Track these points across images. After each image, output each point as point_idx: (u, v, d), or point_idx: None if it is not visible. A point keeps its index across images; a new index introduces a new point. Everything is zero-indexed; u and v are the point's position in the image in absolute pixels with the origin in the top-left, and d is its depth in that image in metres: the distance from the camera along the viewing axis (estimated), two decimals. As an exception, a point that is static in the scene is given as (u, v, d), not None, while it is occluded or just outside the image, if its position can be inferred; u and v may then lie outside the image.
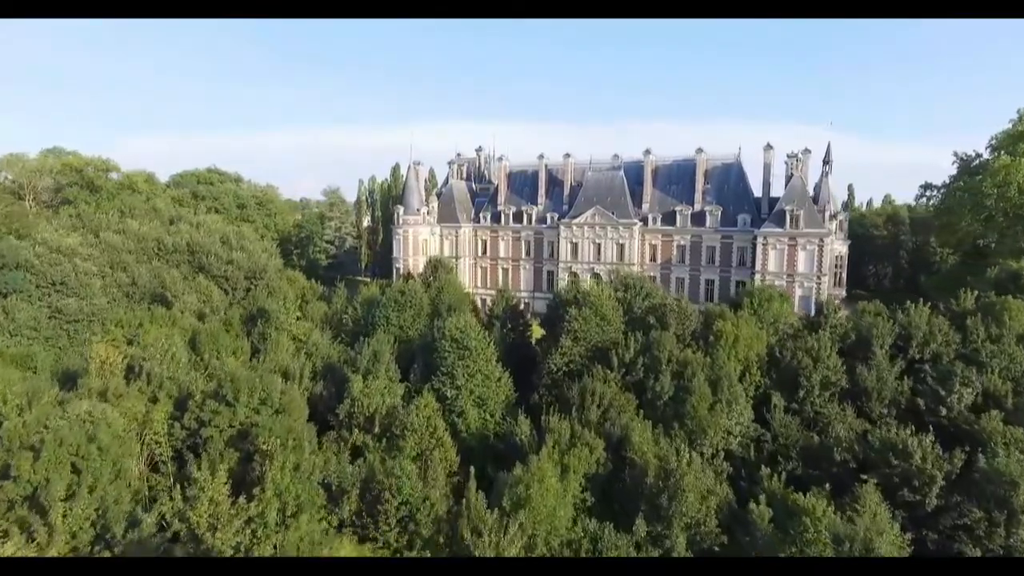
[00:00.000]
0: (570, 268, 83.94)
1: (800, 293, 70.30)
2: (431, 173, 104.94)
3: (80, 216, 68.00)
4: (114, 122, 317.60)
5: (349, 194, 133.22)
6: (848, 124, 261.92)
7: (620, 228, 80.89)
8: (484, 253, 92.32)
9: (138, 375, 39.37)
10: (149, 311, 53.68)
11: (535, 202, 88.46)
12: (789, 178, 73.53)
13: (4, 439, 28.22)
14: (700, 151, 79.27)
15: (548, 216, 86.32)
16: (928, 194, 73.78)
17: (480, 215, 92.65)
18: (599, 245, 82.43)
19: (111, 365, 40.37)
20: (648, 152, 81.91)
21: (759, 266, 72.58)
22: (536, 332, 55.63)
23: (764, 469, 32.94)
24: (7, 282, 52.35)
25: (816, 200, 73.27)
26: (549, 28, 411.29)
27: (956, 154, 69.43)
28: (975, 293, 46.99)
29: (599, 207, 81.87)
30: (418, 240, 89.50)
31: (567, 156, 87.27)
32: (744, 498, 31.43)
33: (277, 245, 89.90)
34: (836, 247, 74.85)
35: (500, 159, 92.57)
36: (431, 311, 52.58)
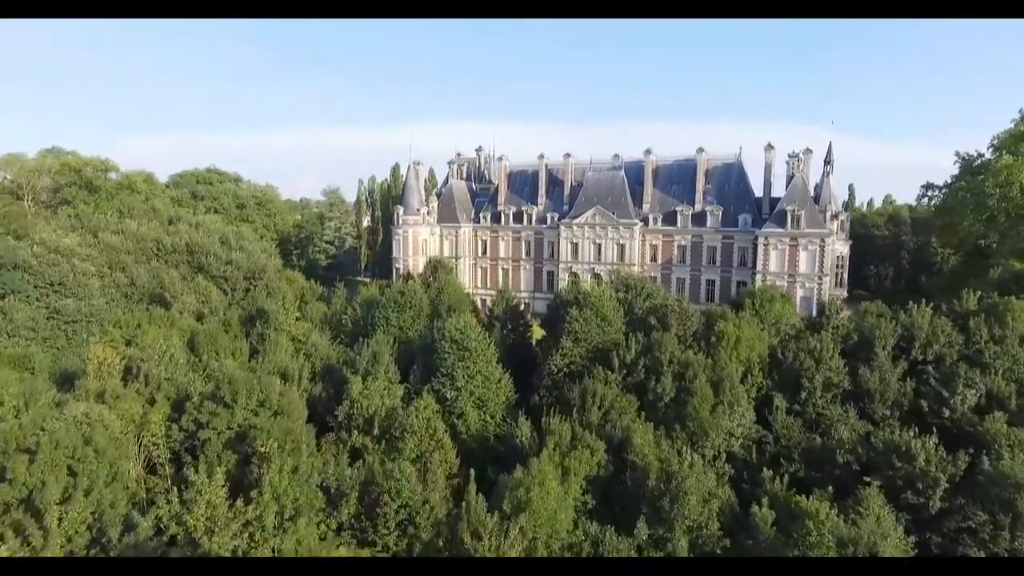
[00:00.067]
0: (570, 268, 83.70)
1: (801, 293, 70.10)
2: (431, 173, 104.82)
3: (79, 216, 67.72)
4: (114, 122, 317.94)
5: (349, 194, 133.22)
6: (849, 124, 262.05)
7: (621, 228, 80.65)
8: (484, 253, 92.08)
9: (136, 376, 39.10)
10: (147, 312, 53.48)
11: (535, 202, 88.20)
12: (790, 178, 73.29)
13: (0, 441, 27.99)
14: (701, 151, 79.03)
15: (548, 216, 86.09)
16: (930, 194, 73.40)
17: (480, 215, 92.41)
18: (599, 245, 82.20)
19: (109, 366, 40.10)
20: (649, 152, 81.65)
21: (760, 266, 72.36)
22: (536, 333, 55.37)
23: (766, 471, 32.56)
24: (5, 283, 52.09)
25: (817, 200, 73.02)
26: (549, 28, 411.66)
27: (958, 154, 69.13)
28: (978, 294, 46.70)
29: (599, 207, 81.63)
30: (418, 240, 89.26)
31: (567, 156, 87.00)
32: (746, 500, 31.14)
33: (277, 245, 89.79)
34: (838, 247, 74.62)
35: (500, 159, 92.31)
36: (431, 312, 52.34)
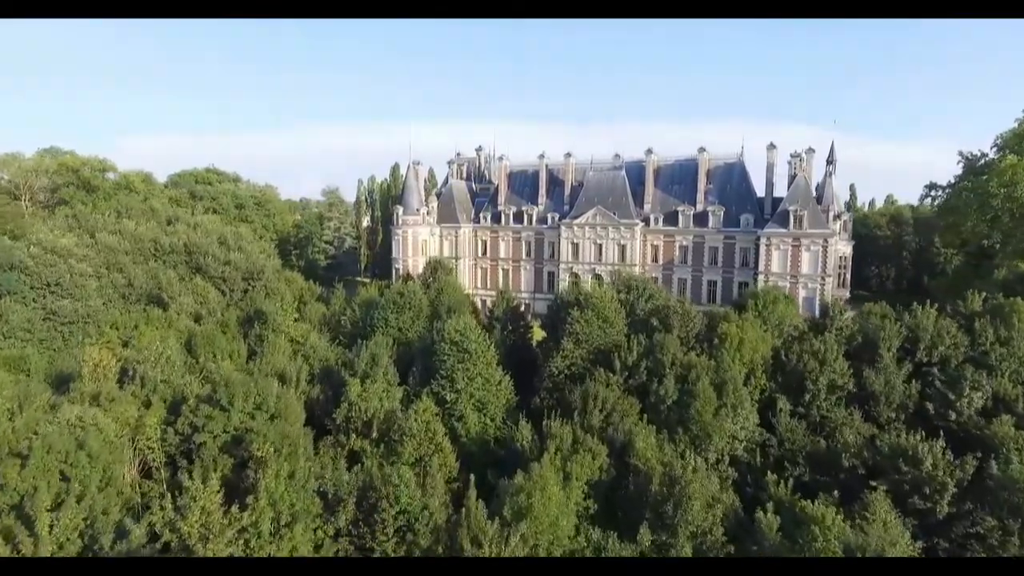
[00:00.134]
0: (571, 269, 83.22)
1: (804, 294, 69.63)
2: (431, 173, 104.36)
3: (76, 216, 67.27)
4: (114, 122, 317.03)
5: (348, 194, 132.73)
6: (849, 124, 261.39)
7: (621, 228, 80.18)
8: (484, 254, 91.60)
9: (132, 379, 38.67)
10: (145, 313, 53.06)
11: (536, 202, 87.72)
12: (792, 178, 72.79)
13: (-7, 445, 27.53)
14: (702, 150, 78.53)
15: (549, 216, 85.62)
16: (933, 194, 72.93)
17: (480, 215, 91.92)
18: (600, 246, 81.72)
19: (104, 368, 39.67)
20: (650, 152, 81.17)
21: (762, 267, 71.89)
22: (537, 334, 54.91)
23: (770, 475, 32.06)
24: (1, 283, 51.67)
25: (820, 200, 72.55)
26: (550, 28, 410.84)
27: (961, 153, 68.61)
28: (983, 295, 46.25)
29: (600, 207, 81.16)
30: (417, 240, 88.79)
31: (568, 156, 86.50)
32: (750, 505, 30.69)
33: (276, 245, 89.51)
34: (840, 248, 74.13)
35: (500, 159, 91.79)
36: (430, 313, 51.84)
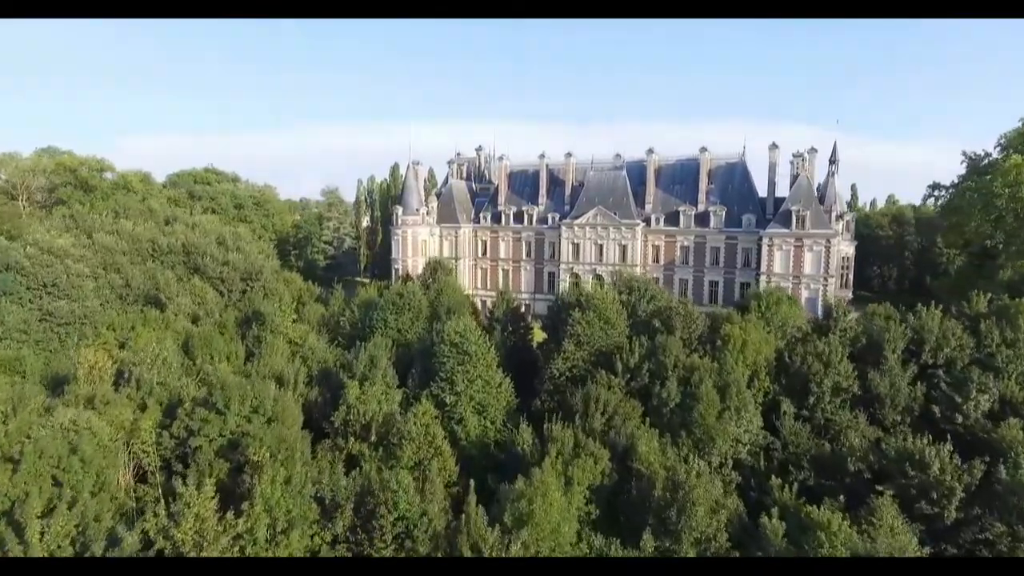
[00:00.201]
0: (572, 269, 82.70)
1: (806, 295, 69.07)
2: (431, 173, 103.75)
3: (73, 216, 66.80)
4: (114, 122, 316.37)
5: (348, 194, 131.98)
6: (850, 124, 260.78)
7: (622, 229, 79.67)
8: (484, 254, 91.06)
9: (127, 381, 38.18)
10: (142, 314, 52.61)
11: (536, 202, 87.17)
12: (794, 178, 72.26)
13: (-16, 449, 27.07)
14: (704, 150, 77.97)
15: (549, 216, 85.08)
16: (936, 194, 72.44)
17: (480, 215, 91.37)
18: (601, 246, 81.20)
19: (100, 370, 39.21)
20: (651, 151, 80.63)
21: (764, 267, 71.37)
22: (537, 335, 54.42)
23: (775, 479, 31.57)
24: (-3, 284, 51.19)
25: (822, 200, 72.03)
26: (550, 28, 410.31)
27: (965, 153, 68.12)
28: (988, 296, 45.76)
29: (601, 207, 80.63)
30: (417, 241, 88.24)
31: (568, 155, 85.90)
32: (754, 510, 30.21)
33: (275, 246, 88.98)
34: (843, 248, 73.58)
35: (500, 159, 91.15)
36: (430, 314, 51.33)
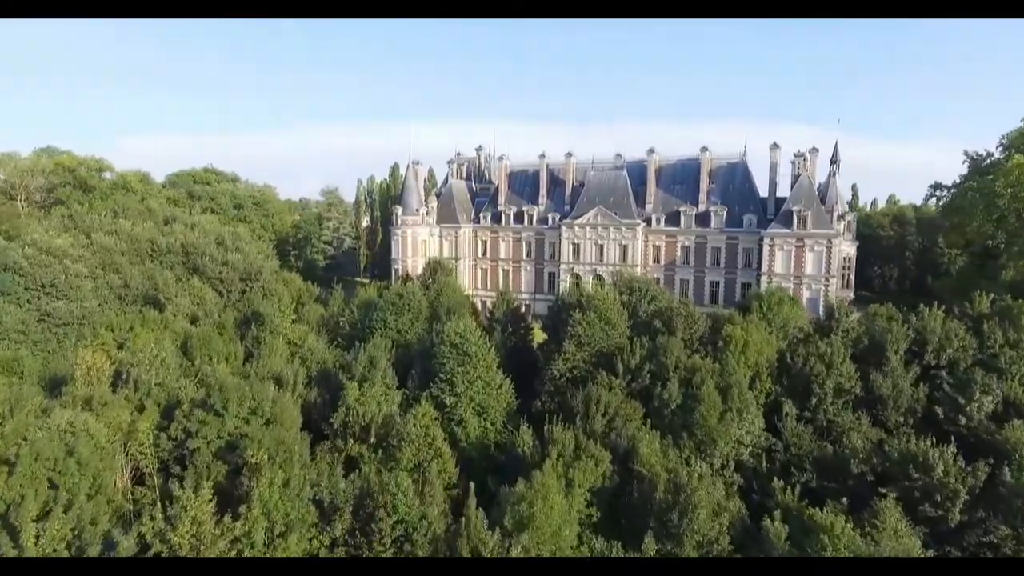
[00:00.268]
0: (572, 270, 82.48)
1: (808, 295, 68.86)
2: (430, 173, 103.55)
3: (72, 217, 66.53)
4: (114, 122, 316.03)
5: (348, 194, 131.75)
6: (850, 124, 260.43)
7: (623, 229, 79.45)
8: (484, 254, 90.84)
9: (125, 382, 37.91)
10: (141, 314, 52.27)
11: (536, 202, 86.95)
12: (796, 178, 72.07)
13: (-20, 452, 26.81)
14: (704, 150, 77.76)
15: (550, 216, 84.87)
16: (938, 194, 72.27)
17: (480, 215, 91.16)
18: (602, 246, 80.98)
19: (98, 371, 38.92)
20: (651, 151, 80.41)
21: (765, 268, 71.16)
22: (538, 336, 54.20)
23: (777, 481, 31.32)
24: (-5, 284, 50.96)
25: (824, 200, 71.83)
26: (550, 28, 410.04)
27: (967, 153, 67.93)
28: (990, 296, 45.52)
29: (601, 207, 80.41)
30: (417, 241, 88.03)
31: (569, 155, 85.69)
32: (756, 512, 29.96)
33: (274, 246, 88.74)
34: (844, 248, 73.38)
35: (500, 158, 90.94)
36: (430, 314, 51.11)
